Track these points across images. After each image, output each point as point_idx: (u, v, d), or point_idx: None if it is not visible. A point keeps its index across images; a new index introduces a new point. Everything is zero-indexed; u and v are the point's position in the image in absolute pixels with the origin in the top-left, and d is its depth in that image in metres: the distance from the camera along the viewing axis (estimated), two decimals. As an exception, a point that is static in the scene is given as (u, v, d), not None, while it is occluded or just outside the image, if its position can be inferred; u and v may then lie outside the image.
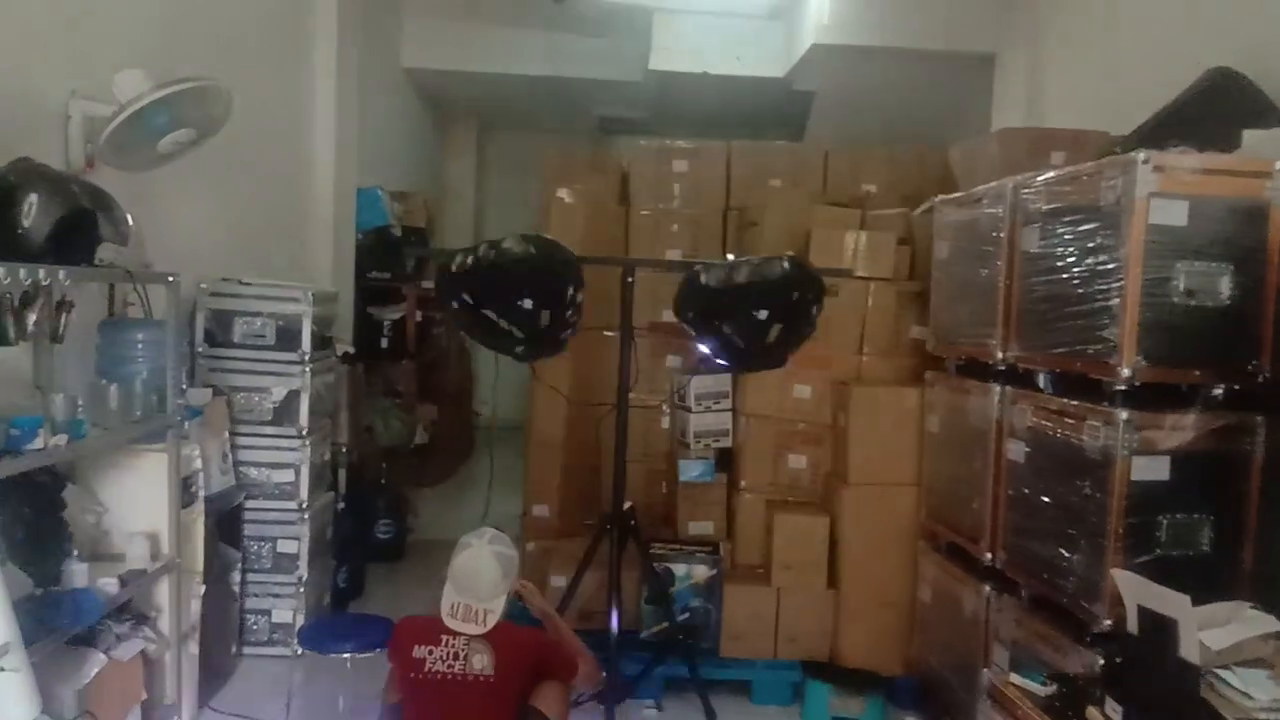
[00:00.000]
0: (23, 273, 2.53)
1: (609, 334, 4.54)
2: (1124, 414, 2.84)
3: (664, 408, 4.99)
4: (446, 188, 10.44)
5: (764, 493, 4.55)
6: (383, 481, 6.17)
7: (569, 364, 4.74)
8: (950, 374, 4.02)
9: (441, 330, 8.02)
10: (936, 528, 4.08)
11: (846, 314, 4.49)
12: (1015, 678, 2.66)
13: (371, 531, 5.93)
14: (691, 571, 4.40)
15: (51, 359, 3.29)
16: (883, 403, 4.33)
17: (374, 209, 6.92)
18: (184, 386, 3.80)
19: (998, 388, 3.53)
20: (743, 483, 4.58)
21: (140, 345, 3.54)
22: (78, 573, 2.92)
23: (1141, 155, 2.82)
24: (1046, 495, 3.18)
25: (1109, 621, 2.86)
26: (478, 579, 2.87)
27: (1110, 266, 2.91)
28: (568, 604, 4.22)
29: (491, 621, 2.85)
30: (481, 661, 2.82)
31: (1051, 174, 3.31)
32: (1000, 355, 3.52)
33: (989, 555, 3.55)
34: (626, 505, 4.00)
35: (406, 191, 7.79)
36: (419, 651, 2.83)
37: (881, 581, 4.27)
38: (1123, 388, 2.86)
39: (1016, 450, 3.38)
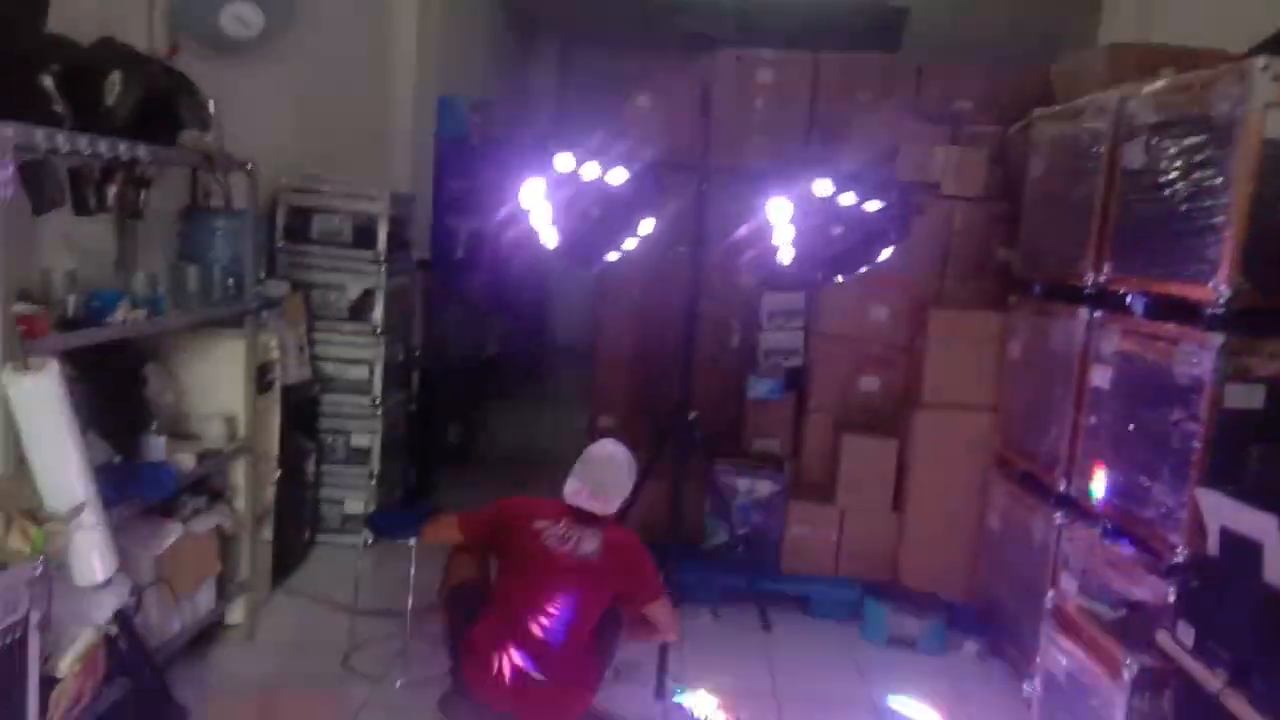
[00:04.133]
0: (103, 146, 2.56)
1: (682, 249, 4.46)
2: (1220, 338, 2.69)
3: (734, 324, 4.91)
4: (527, 101, 10.35)
5: (833, 413, 4.48)
6: (453, 389, 6.25)
7: (639, 274, 4.68)
8: (1036, 297, 3.86)
9: (518, 243, 8.01)
10: (1010, 455, 3.97)
11: (931, 234, 4.33)
12: (1081, 599, 2.58)
13: (441, 435, 6.03)
14: (755, 487, 4.38)
15: (135, 241, 3.38)
16: (963, 326, 4.19)
17: (454, 118, 6.88)
18: (262, 277, 3.87)
19: (1086, 311, 3.38)
20: (812, 402, 4.51)
21: (219, 233, 3.59)
22: (156, 446, 3.01)
23: (1261, 62, 2.61)
24: (1130, 422, 3.05)
25: (1186, 551, 2.75)
26: (610, 465, 3.08)
27: (1217, 183, 2.73)
28: (628, 513, 4.24)
29: (611, 507, 3.03)
30: (590, 546, 2.94)
31: (1160, 84, 3.10)
32: (1091, 277, 3.36)
33: (1064, 483, 3.44)
34: (691, 415, 3.98)
35: (487, 100, 7.73)
36: (539, 524, 2.96)
37: (948, 507, 4.19)
38: (1220, 311, 2.71)
39: (1101, 376, 3.24)
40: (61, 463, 2.22)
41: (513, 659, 2.84)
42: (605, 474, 3.07)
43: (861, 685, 3.71)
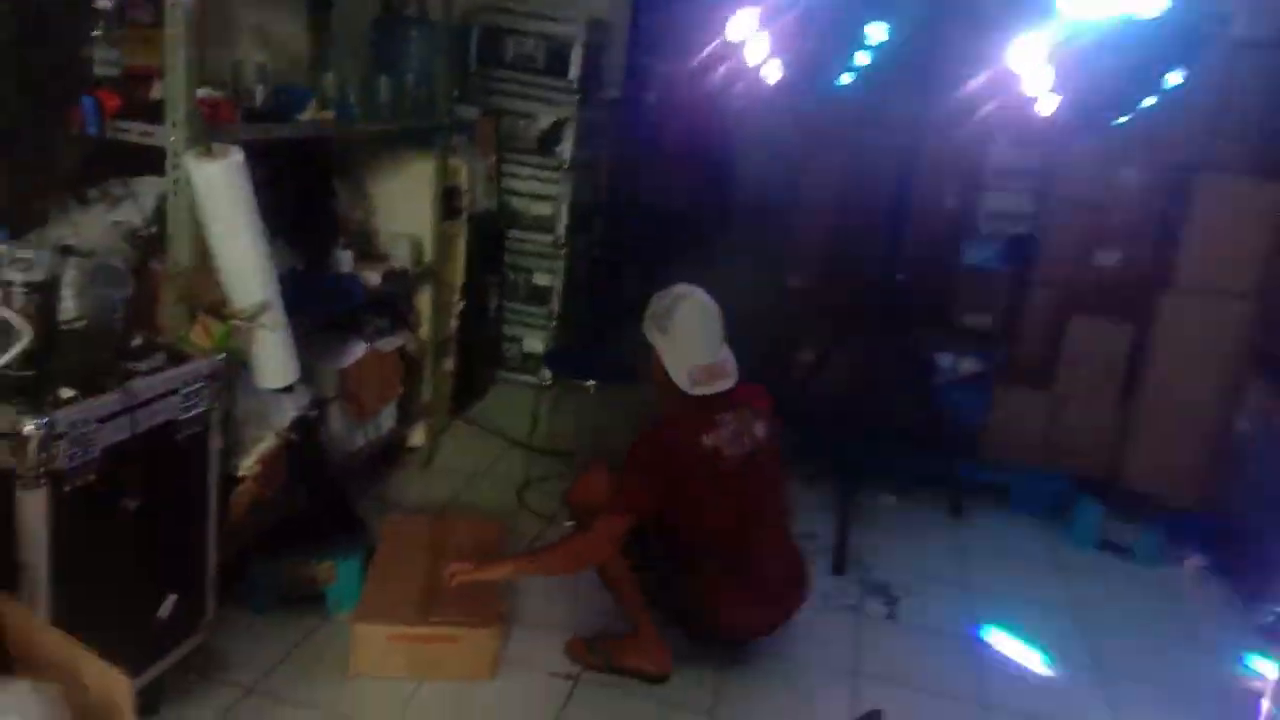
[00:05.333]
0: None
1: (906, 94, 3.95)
2: None
3: (951, 181, 4.40)
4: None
5: (1061, 289, 3.96)
6: (639, 239, 6.02)
7: (849, 119, 4.21)
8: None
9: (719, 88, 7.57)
10: (1274, 351, 3.39)
11: (1205, 81, 3.64)
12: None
13: (625, 286, 5.85)
14: (959, 363, 3.99)
15: (328, 44, 3.24)
16: (1236, 196, 3.55)
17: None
18: (456, 95, 3.70)
19: None
20: (1037, 274, 4.00)
21: (413, 44, 3.41)
22: (344, 259, 2.94)
23: None
24: None
25: None
26: (707, 316, 2.39)
27: None
28: (811, 381, 3.95)
29: (733, 370, 2.40)
30: (760, 427, 2.45)
31: None
32: None
33: (1352, 388, 2.88)
34: (899, 278, 3.59)
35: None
36: (710, 440, 2.34)
37: (1189, 403, 3.66)
38: None
39: None
40: (245, 259, 2.12)
41: (779, 598, 2.54)
42: (710, 341, 2.38)
43: (1062, 589, 3.35)
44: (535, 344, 4.56)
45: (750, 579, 2.42)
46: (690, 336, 2.36)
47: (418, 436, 3.65)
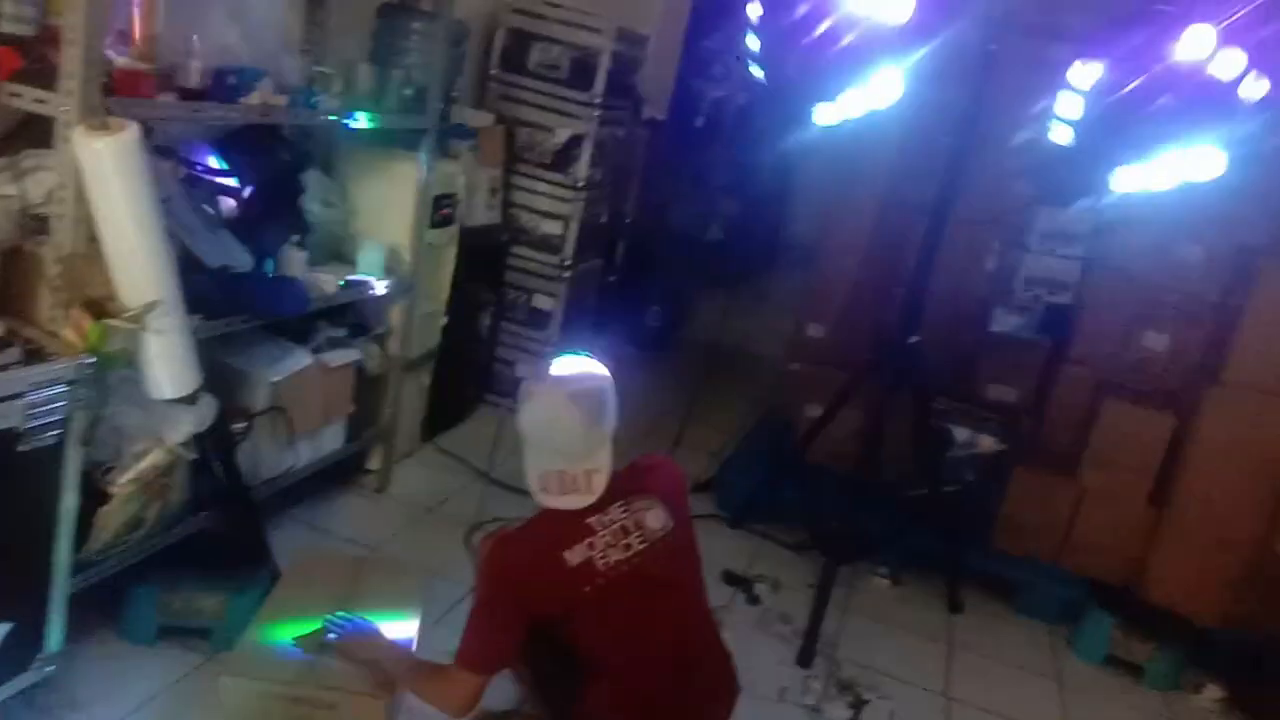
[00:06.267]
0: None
1: (946, 138, 3.63)
2: None
3: (994, 242, 4.04)
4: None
5: (1098, 369, 3.58)
6: (663, 268, 5.75)
7: (887, 165, 3.91)
8: None
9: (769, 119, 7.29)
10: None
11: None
12: None
13: (640, 315, 5.58)
14: (976, 439, 3.62)
15: (325, 30, 3.04)
16: (1306, 286, 3.17)
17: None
18: (454, 95, 3.46)
19: None
20: (1073, 351, 3.63)
21: (414, 36, 3.18)
22: (294, 261, 2.70)
23: None
24: None
25: None
26: (559, 433, 1.85)
27: None
28: (814, 439, 3.62)
29: (600, 483, 1.87)
30: (656, 515, 1.94)
31: None
32: None
33: None
34: (912, 339, 3.25)
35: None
36: (576, 555, 1.85)
37: (1228, 513, 3.25)
38: None
39: None
40: (134, 251, 1.88)
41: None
42: (564, 446, 1.85)
43: (1056, 709, 2.97)
44: (529, 370, 4.29)
45: (652, 712, 1.95)
46: (539, 439, 1.89)
47: (376, 460, 3.40)
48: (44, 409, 1.73)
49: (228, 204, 2.67)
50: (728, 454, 4.24)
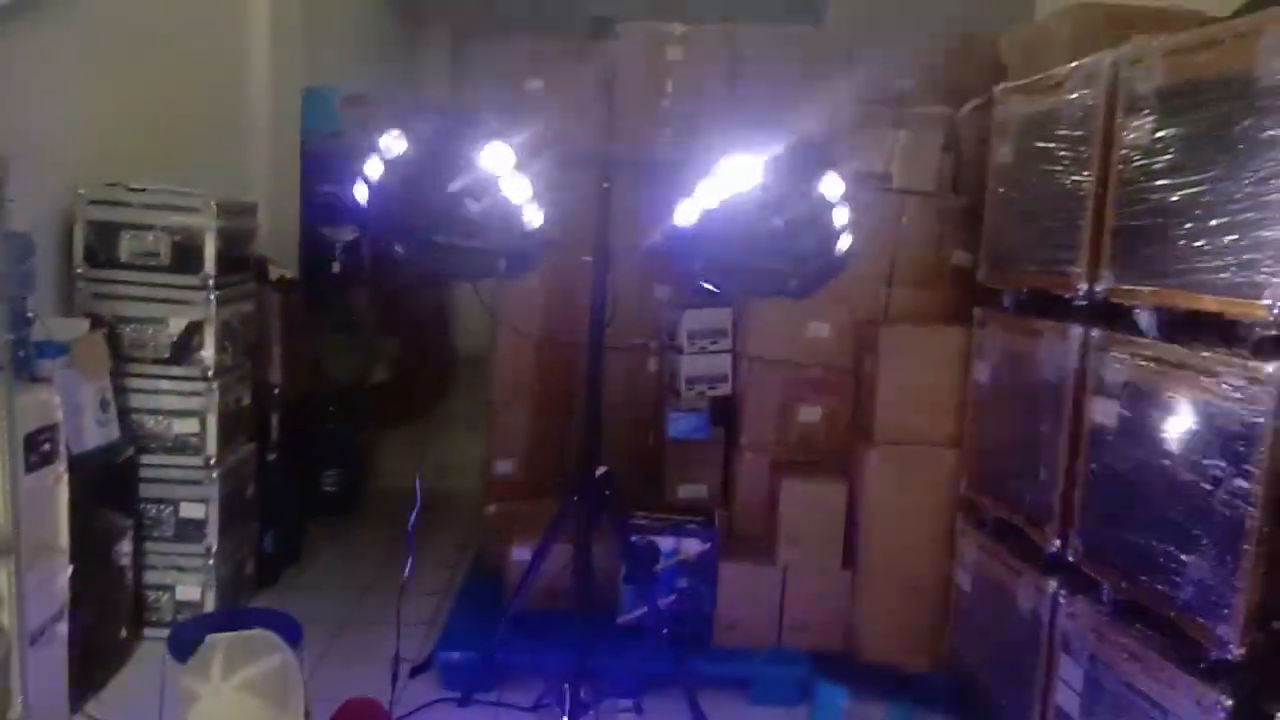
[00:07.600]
0: None
1: (587, 258, 3.70)
2: (1272, 367, 2.05)
3: (651, 345, 4.17)
4: (419, 95, 9.45)
5: (769, 451, 3.77)
6: (329, 426, 5.38)
7: (539, 296, 3.94)
8: (1008, 311, 3.20)
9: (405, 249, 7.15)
10: (981, 500, 3.31)
11: (874, 236, 3.63)
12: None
13: (315, 484, 5.17)
14: (680, 546, 3.64)
15: None
16: (919, 345, 3.53)
17: (324, 112, 5.99)
18: (30, 315, 2.99)
19: (1079, 329, 2.72)
20: (743, 439, 3.79)
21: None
22: None
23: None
24: (1151, 474, 2.39)
25: (1240, 650, 2.10)
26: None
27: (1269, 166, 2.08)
28: (530, 581, 3.47)
29: None
30: None
31: (1169, 39, 2.45)
32: (1085, 287, 2.70)
33: (1057, 543, 2.78)
34: (600, 471, 3.21)
35: (365, 95, 6.83)
36: None
37: (910, 561, 3.52)
38: (1276, 333, 2.07)
39: (1106, 411, 2.57)
40: None
41: None
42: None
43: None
44: (192, 590, 3.74)
45: None
46: None
47: (8, 760, 2.77)
48: None
49: None
50: (444, 622, 3.95)
